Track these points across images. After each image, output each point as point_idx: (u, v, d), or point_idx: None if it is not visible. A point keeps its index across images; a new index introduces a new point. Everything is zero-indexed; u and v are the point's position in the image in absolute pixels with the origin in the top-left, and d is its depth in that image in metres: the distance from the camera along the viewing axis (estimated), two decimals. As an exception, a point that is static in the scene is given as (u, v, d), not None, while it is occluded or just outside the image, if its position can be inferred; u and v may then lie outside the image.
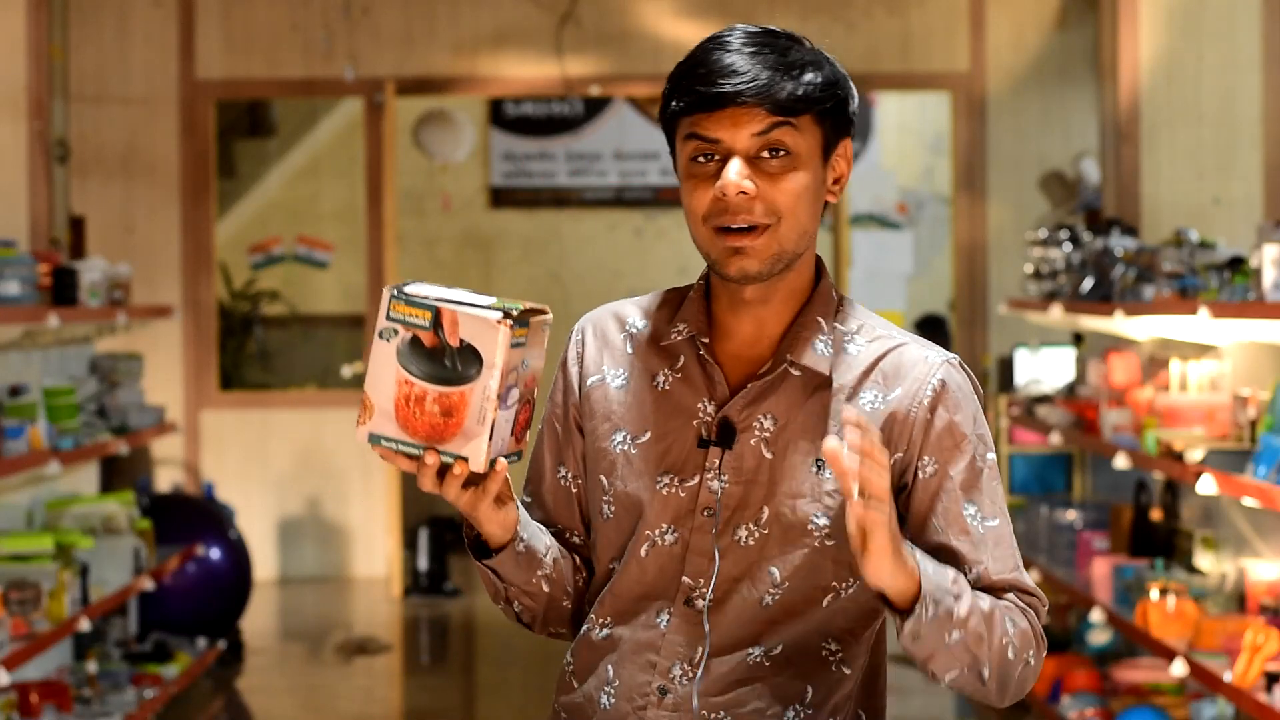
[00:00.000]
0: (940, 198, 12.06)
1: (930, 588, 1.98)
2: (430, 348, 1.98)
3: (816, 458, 2.11)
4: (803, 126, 2.09)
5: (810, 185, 2.10)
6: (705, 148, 2.09)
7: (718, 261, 2.10)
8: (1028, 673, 2.09)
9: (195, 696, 7.29)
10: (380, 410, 2.00)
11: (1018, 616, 2.08)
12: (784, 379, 2.13)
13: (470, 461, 2.00)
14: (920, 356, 2.13)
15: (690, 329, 2.16)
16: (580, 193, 12.11)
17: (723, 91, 2.06)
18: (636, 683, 2.14)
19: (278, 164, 11.90)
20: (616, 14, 9.89)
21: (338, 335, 11.66)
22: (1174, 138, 7.98)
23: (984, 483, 2.11)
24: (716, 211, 2.08)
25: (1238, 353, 5.70)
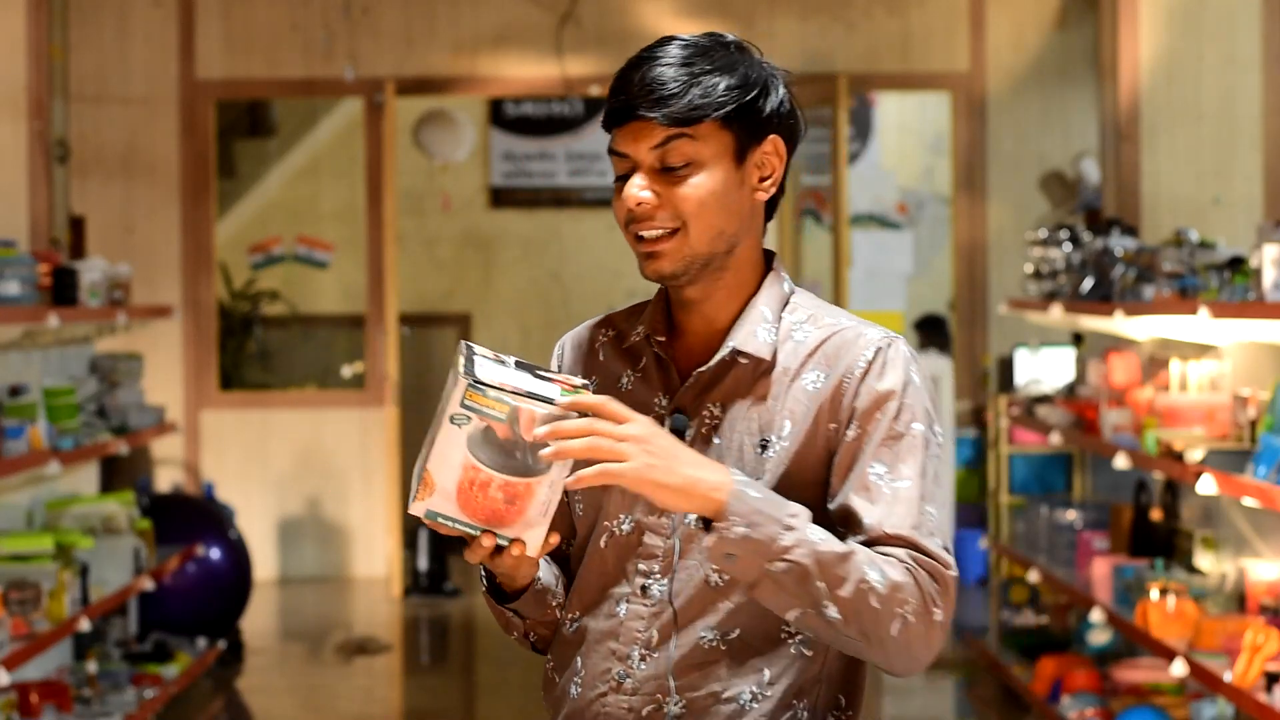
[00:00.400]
0: (940, 198, 12.06)
1: (742, 508, 2.03)
2: (503, 439, 2.00)
3: (760, 439, 2.17)
4: (703, 134, 2.16)
5: (718, 189, 2.17)
6: (620, 162, 2.19)
7: (639, 264, 2.21)
8: (910, 633, 2.07)
9: (195, 696, 7.29)
10: (441, 490, 2.01)
11: (892, 568, 2.07)
12: (731, 368, 2.20)
13: (528, 548, 2.06)
14: (858, 334, 2.20)
15: (646, 329, 2.26)
16: (580, 193, 12.11)
17: (622, 106, 2.17)
18: (599, 671, 2.21)
19: (278, 164, 11.90)
20: (616, 14, 9.89)
21: (338, 335, 11.66)
22: (1174, 138, 7.98)
23: (902, 446, 2.14)
24: (629, 220, 2.19)
25: (1238, 353, 5.70)
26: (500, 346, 11.87)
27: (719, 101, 2.16)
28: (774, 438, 2.17)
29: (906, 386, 2.17)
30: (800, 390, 2.18)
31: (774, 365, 2.20)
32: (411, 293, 11.67)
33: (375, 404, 9.87)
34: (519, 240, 12.10)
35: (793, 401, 2.18)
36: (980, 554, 9.34)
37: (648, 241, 2.17)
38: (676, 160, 2.15)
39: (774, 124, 2.21)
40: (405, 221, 11.73)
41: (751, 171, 2.20)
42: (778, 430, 2.17)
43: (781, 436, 2.17)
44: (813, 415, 2.17)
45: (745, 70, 2.19)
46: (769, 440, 2.17)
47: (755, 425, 2.18)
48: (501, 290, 12.09)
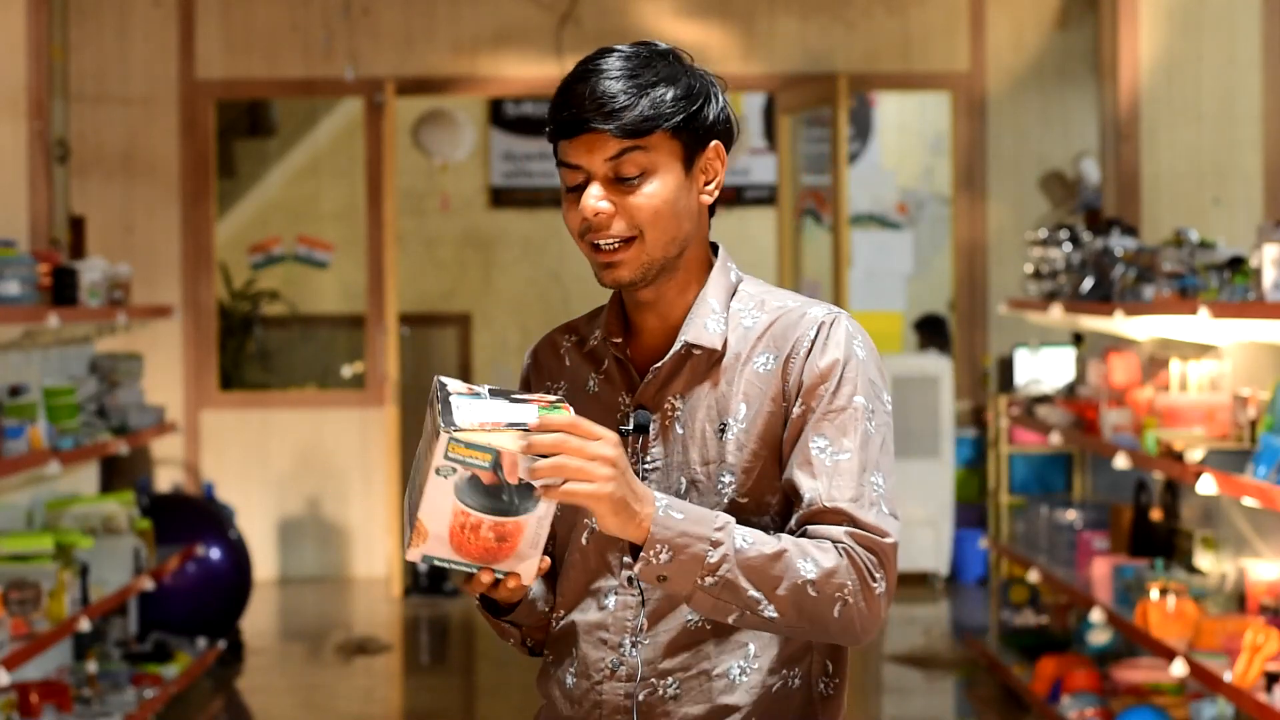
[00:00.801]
0: (940, 198, 12.06)
1: (665, 534, 2.09)
2: (488, 484, 2.05)
3: (720, 423, 2.25)
4: (654, 144, 2.23)
5: (671, 196, 2.24)
6: (572, 173, 2.25)
7: (595, 272, 2.28)
8: (851, 612, 2.15)
9: (195, 696, 7.29)
10: (434, 536, 2.07)
11: (824, 554, 2.14)
12: (685, 360, 2.29)
13: (523, 578, 2.12)
14: (802, 313, 2.28)
15: (604, 333, 2.35)
16: (580, 193, 12.09)
17: (572, 119, 2.22)
18: (593, 660, 2.28)
19: (278, 164, 11.90)
20: (616, 14, 9.89)
21: (338, 335, 11.66)
22: (1174, 138, 7.98)
23: (844, 419, 2.22)
24: (585, 230, 2.25)
25: (1238, 353, 5.70)
26: (500, 346, 11.86)
27: (668, 112, 2.22)
28: (731, 420, 2.25)
29: (848, 361, 2.24)
30: (751, 373, 2.26)
31: (725, 353, 2.27)
32: (411, 293, 11.67)
33: (375, 404, 9.87)
34: (519, 240, 12.10)
35: (745, 384, 2.26)
36: (980, 554, 9.34)
37: (605, 251, 2.25)
38: (631, 171, 2.22)
39: (716, 130, 2.28)
40: (405, 221, 11.73)
41: (698, 176, 2.28)
42: (734, 413, 2.25)
43: (738, 419, 2.24)
44: (766, 395, 2.24)
45: (688, 80, 2.26)
46: (727, 424, 2.25)
47: (714, 411, 2.26)
48: (501, 290, 12.09)
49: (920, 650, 8.02)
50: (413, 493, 2.10)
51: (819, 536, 2.17)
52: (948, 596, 9.34)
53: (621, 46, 2.28)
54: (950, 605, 9.17)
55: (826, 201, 10.01)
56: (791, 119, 10.16)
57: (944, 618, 8.89)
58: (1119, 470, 6.39)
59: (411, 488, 2.12)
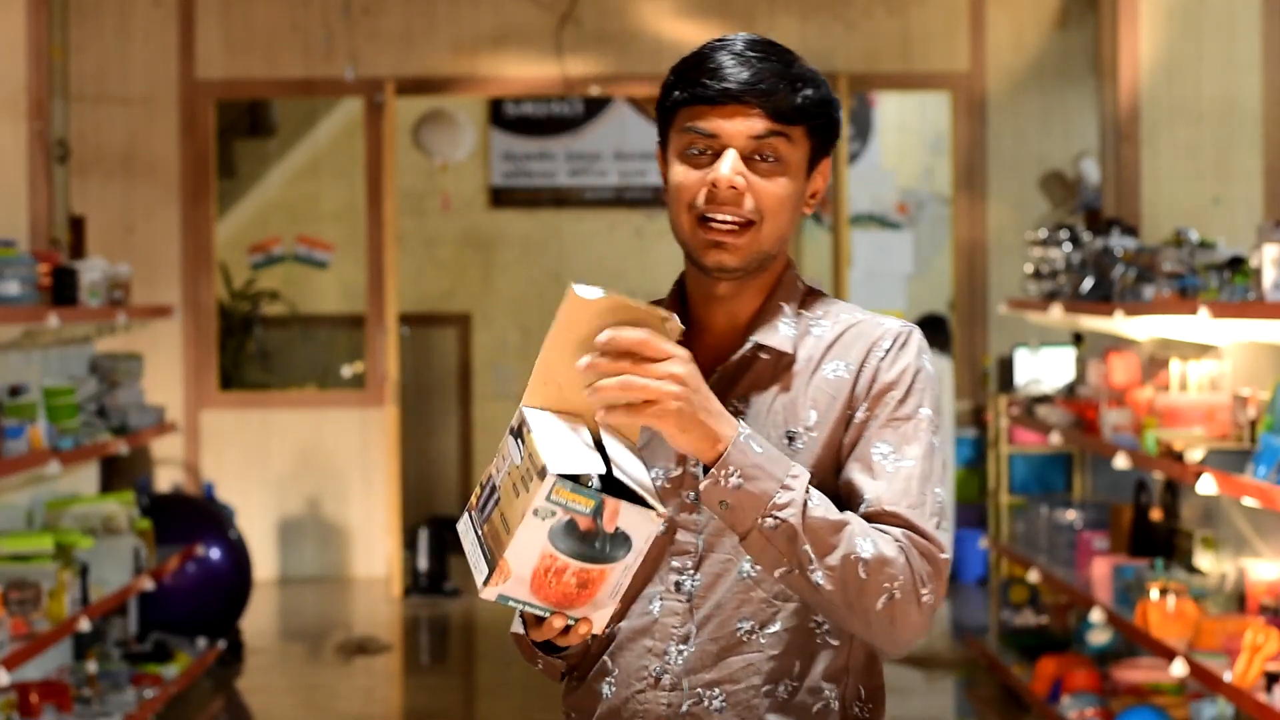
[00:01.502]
0: (940, 198, 12.06)
1: (741, 460, 2.05)
2: (584, 530, 2.00)
3: (787, 431, 2.20)
4: (795, 137, 2.19)
5: (793, 194, 2.21)
6: (701, 141, 2.18)
7: (696, 250, 2.21)
8: (895, 609, 2.09)
9: (195, 696, 7.29)
10: (517, 577, 2.01)
11: (884, 542, 2.09)
12: (753, 362, 2.23)
13: (595, 624, 2.07)
14: (875, 324, 2.25)
15: None
16: (580, 193, 12.11)
17: (728, 89, 2.16)
18: (634, 669, 2.21)
19: (278, 164, 11.90)
20: (616, 14, 9.89)
21: (338, 335, 11.66)
22: (1174, 138, 7.98)
23: (907, 428, 2.18)
24: (705, 200, 2.18)
25: (1238, 353, 5.70)
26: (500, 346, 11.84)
27: (814, 111, 2.20)
28: (801, 429, 2.20)
29: (919, 372, 2.21)
30: (822, 380, 2.21)
31: (795, 358, 2.23)
32: (411, 293, 11.67)
33: (375, 404, 9.87)
34: (519, 240, 12.10)
35: (815, 391, 2.21)
36: (980, 554, 9.34)
37: (719, 230, 2.18)
38: (772, 155, 2.18)
39: (832, 145, 2.27)
40: (405, 221, 11.73)
41: (809, 184, 2.25)
42: (804, 421, 2.20)
43: (809, 427, 2.19)
44: (837, 403, 2.20)
45: (826, 88, 2.24)
46: (796, 432, 2.20)
47: (780, 418, 2.21)
48: (501, 290, 12.09)
49: (920, 650, 8.02)
50: (481, 522, 2.04)
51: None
52: (948, 596, 9.34)
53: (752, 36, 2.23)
54: (950, 605, 9.17)
55: (827, 201, 10.01)
56: (791, 119, 10.14)
57: (944, 618, 8.88)
58: (1119, 470, 6.39)
59: (479, 517, 2.05)
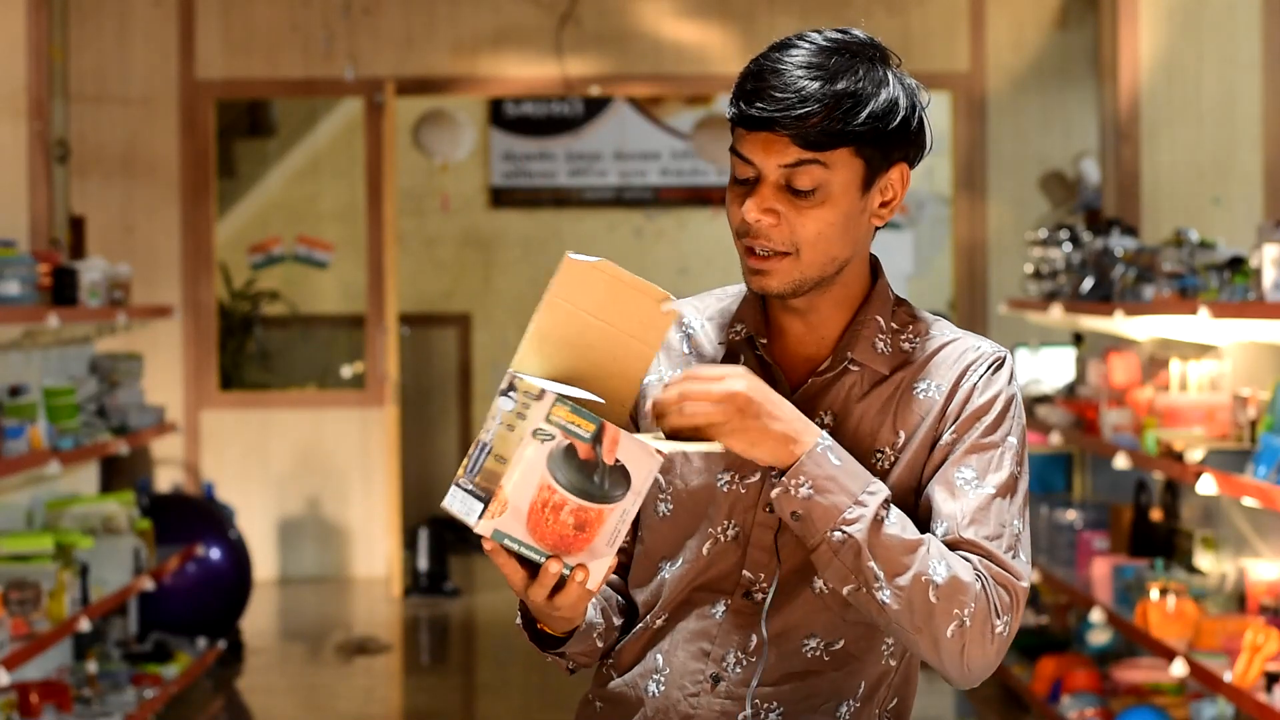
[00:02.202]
0: (940, 198, 12.06)
1: (815, 471, 2.01)
2: (583, 459, 1.95)
3: (875, 449, 2.13)
4: (835, 162, 2.07)
5: (840, 219, 2.10)
6: (743, 166, 2.10)
7: (745, 277, 2.14)
8: (966, 637, 2.03)
9: (195, 696, 7.29)
10: (514, 509, 1.95)
11: (959, 566, 2.04)
12: (842, 376, 2.16)
13: (591, 576, 1.99)
14: (971, 346, 2.17)
15: (748, 329, 2.19)
16: (580, 193, 12.11)
17: (757, 116, 2.06)
18: (689, 670, 2.15)
19: (278, 164, 11.90)
20: (616, 14, 9.89)
21: (338, 335, 11.66)
22: (1174, 138, 7.98)
23: (993, 455, 2.11)
24: (743, 230, 2.11)
25: (1238, 353, 5.70)
26: (500, 346, 11.84)
27: (858, 130, 2.07)
28: (888, 449, 2.13)
29: (1011, 400, 2.14)
30: (912, 399, 2.14)
31: (887, 375, 2.16)
32: (411, 293, 11.67)
33: (375, 404, 9.87)
34: (519, 240, 12.10)
35: (904, 411, 2.14)
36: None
37: (757, 257, 2.10)
38: (804, 184, 2.07)
39: (906, 150, 2.15)
40: (405, 221, 11.73)
41: (874, 197, 2.13)
42: (892, 442, 2.14)
43: (895, 447, 2.13)
44: (925, 425, 2.13)
45: (889, 92, 2.11)
46: (884, 451, 2.14)
47: (869, 436, 2.14)
48: (501, 290, 12.09)
49: (920, 650, 8.01)
50: (472, 478, 1.97)
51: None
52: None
53: (818, 37, 2.13)
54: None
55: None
56: (791, 119, 10.14)
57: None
58: (1119, 470, 6.39)
59: (469, 477, 1.97)
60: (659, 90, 10.79)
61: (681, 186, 12.29)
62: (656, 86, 10.25)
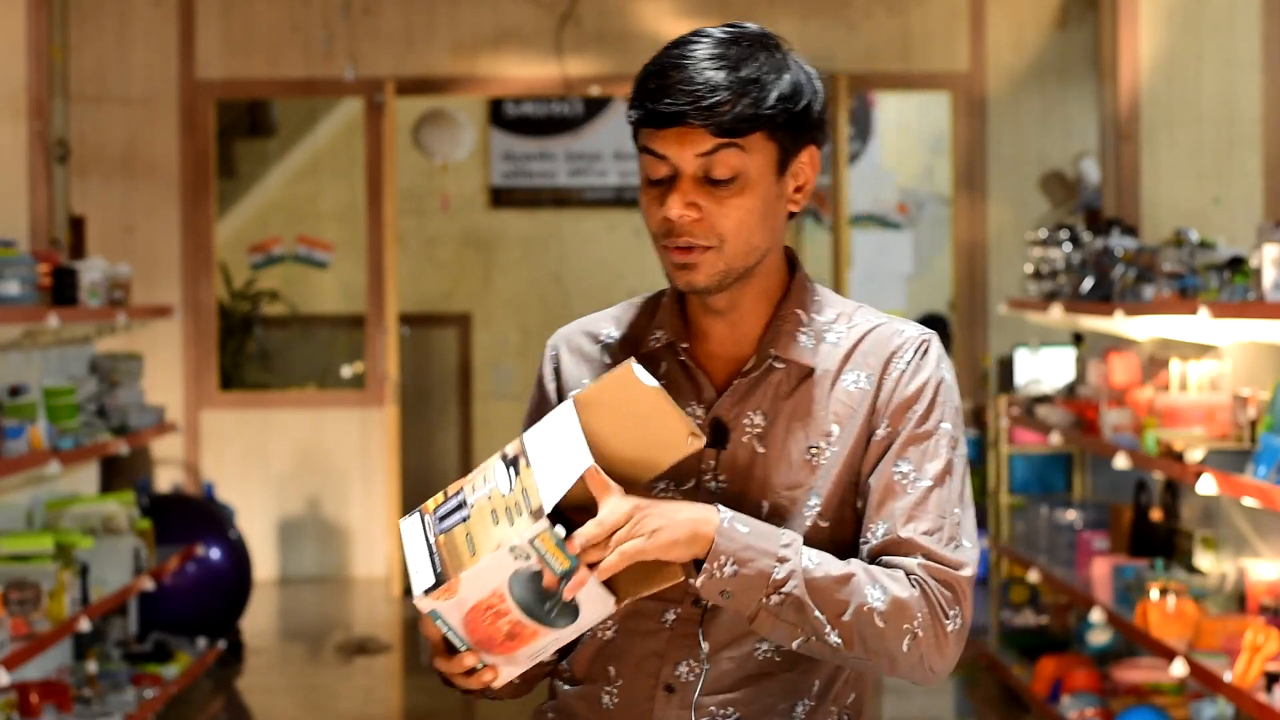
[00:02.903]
0: (940, 198, 12.06)
1: (731, 546, 2.00)
2: (544, 587, 1.95)
3: (809, 446, 2.13)
4: (752, 145, 2.08)
5: (760, 205, 2.10)
6: (656, 164, 2.09)
7: (667, 272, 2.14)
8: (921, 646, 2.05)
9: (195, 696, 7.29)
10: (459, 600, 1.95)
11: (896, 584, 2.05)
12: (768, 374, 2.15)
13: (498, 678, 2.02)
14: (895, 331, 2.17)
15: (668, 335, 2.18)
16: (580, 193, 12.10)
17: (668, 110, 2.06)
18: (642, 681, 2.14)
19: (278, 164, 11.90)
20: (616, 14, 9.89)
21: (338, 335, 11.66)
22: (1174, 138, 7.98)
23: (928, 445, 2.11)
24: (665, 231, 2.10)
25: (1238, 353, 5.70)
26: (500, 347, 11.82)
27: (769, 112, 2.08)
28: (823, 443, 2.13)
29: (940, 384, 2.14)
30: (842, 392, 2.14)
31: (814, 369, 2.15)
32: (411, 293, 11.67)
33: (375, 404, 9.87)
34: (519, 240, 12.10)
35: (837, 404, 2.14)
36: (980, 554, 9.33)
37: (680, 250, 2.10)
38: (723, 172, 2.07)
39: (813, 133, 2.16)
40: (405, 221, 11.73)
41: (789, 182, 2.14)
42: (826, 435, 2.13)
43: (830, 441, 2.13)
44: (858, 417, 2.13)
45: (792, 76, 2.12)
46: (818, 446, 2.13)
47: (801, 432, 2.13)
48: (501, 290, 12.08)
49: (920, 650, 8.01)
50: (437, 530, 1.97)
51: (892, 567, 2.08)
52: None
53: (717, 30, 2.12)
54: (950, 605, 9.15)
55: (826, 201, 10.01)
56: (791, 119, 10.13)
57: (944, 618, 8.88)
58: (1119, 470, 6.39)
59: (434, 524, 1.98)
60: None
61: (681, 186, 12.28)
62: (656, 86, 10.23)
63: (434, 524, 1.99)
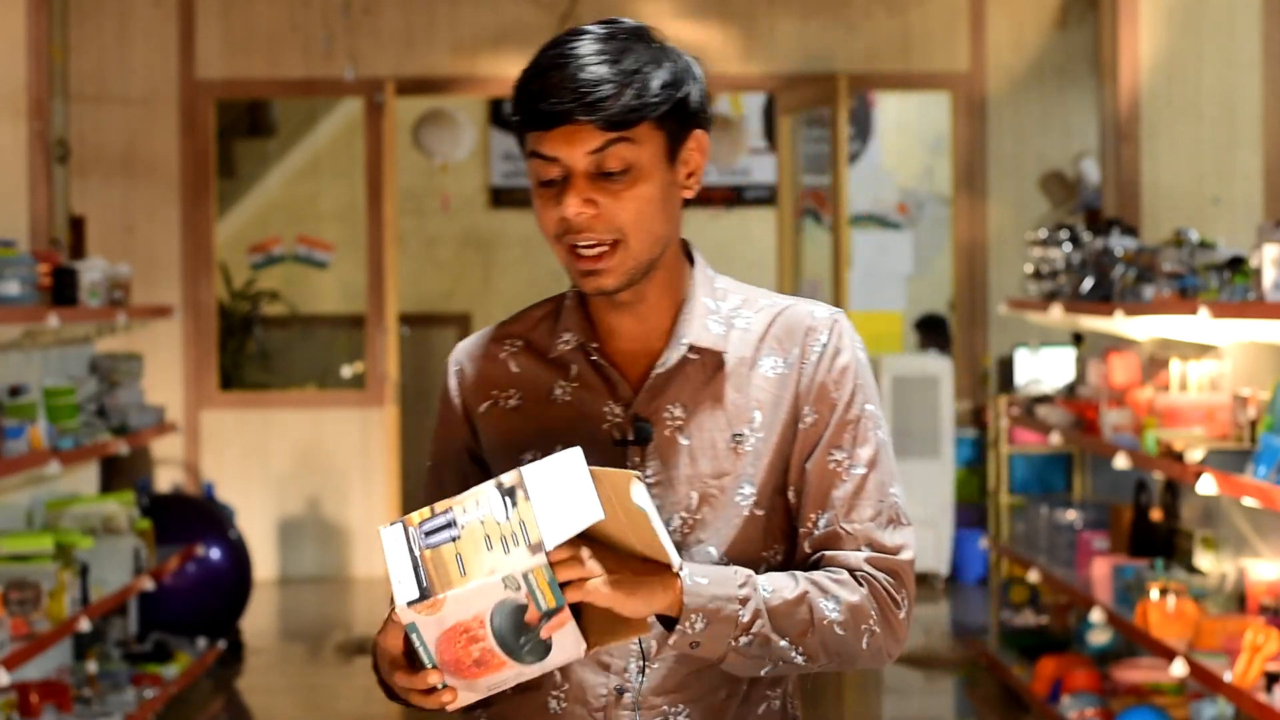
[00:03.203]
0: (940, 198, 12.06)
1: (698, 602, 2.01)
2: (525, 621, 1.95)
3: (733, 434, 2.13)
4: (641, 136, 2.07)
5: (656, 194, 2.10)
6: (547, 166, 2.09)
7: (574, 278, 2.13)
8: (879, 640, 2.10)
9: (195, 696, 7.29)
10: (439, 618, 1.94)
11: (845, 589, 2.08)
12: (683, 365, 2.14)
13: (454, 702, 1.99)
14: (806, 313, 2.17)
15: (577, 336, 2.17)
16: (580, 193, 12.08)
17: (553, 110, 2.05)
18: (590, 684, 2.13)
19: (278, 164, 11.90)
20: (616, 14, 9.87)
21: (338, 335, 11.67)
22: (1174, 138, 7.98)
23: (858, 430, 2.13)
24: (563, 231, 2.09)
25: (1238, 353, 5.70)
26: (500, 346, 11.78)
27: (654, 101, 2.07)
28: (747, 430, 2.13)
29: (859, 366, 2.16)
30: (761, 378, 2.14)
31: (730, 356, 2.15)
32: (411, 293, 11.67)
33: (375, 404, 9.87)
34: (519, 240, 12.10)
35: (757, 390, 2.14)
36: (980, 554, 9.34)
37: (586, 258, 2.08)
38: (615, 166, 2.06)
39: (698, 118, 2.13)
40: (405, 221, 11.73)
41: (680, 169, 2.13)
42: (749, 422, 2.13)
43: (754, 428, 2.13)
44: (782, 401, 2.14)
45: (671, 64, 2.11)
46: (742, 434, 2.13)
47: (724, 420, 2.13)
48: (501, 290, 12.09)
49: (920, 650, 8.02)
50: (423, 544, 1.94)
51: (835, 564, 2.10)
52: (948, 596, 9.34)
53: (593, 27, 2.11)
54: (950, 605, 9.16)
55: (826, 201, 10.01)
56: (791, 119, 10.16)
57: (944, 618, 8.88)
58: (1119, 470, 6.39)
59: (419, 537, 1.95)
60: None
61: (681, 186, 12.29)
62: (656, 86, 10.24)
63: (419, 537, 1.97)
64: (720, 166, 11.91)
